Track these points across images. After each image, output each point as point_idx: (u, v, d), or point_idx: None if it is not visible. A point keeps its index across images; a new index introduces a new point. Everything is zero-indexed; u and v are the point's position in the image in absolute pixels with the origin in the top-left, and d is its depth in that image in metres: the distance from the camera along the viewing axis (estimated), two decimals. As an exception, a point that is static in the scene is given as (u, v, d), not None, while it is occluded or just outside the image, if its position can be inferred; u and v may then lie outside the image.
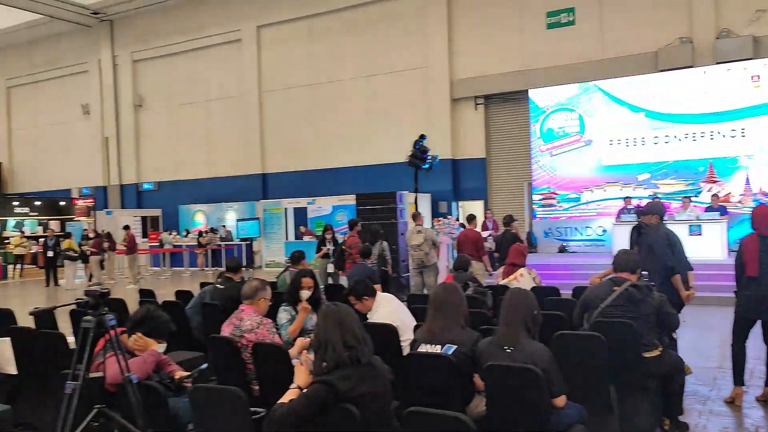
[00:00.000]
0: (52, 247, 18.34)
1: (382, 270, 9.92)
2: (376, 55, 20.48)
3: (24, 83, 28.25)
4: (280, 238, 21.19)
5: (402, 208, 11.96)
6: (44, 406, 5.02)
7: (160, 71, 25.00)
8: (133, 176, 25.83)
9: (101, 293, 3.47)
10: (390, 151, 19.03)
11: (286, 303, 5.56)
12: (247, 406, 3.14)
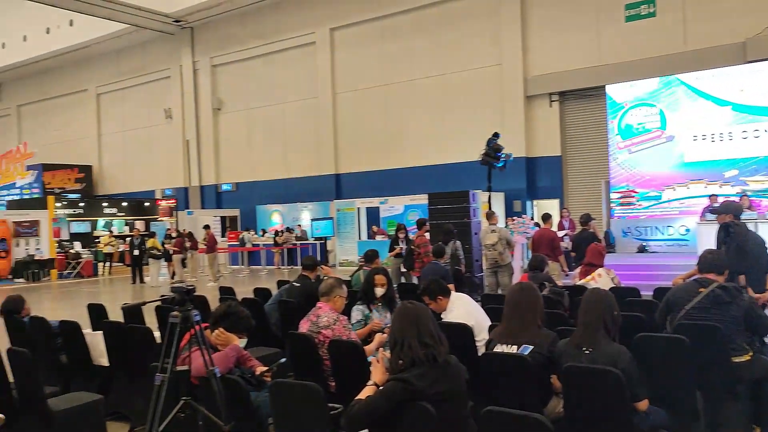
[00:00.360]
0: (138, 246, 19.18)
1: (456, 269, 9.87)
2: (448, 54, 20.40)
3: (112, 90, 29.69)
4: (353, 237, 21.43)
5: (475, 207, 11.84)
6: (134, 397, 5.28)
7: (238, 75, 25.75)
8: (213, 177, 26.70)
9: (187, 290, 3.62)
10: (462, 149, 18.90)
11: (360, 302, 5.62)
12: (324, 401, 3.21)
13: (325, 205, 23.12)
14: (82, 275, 22.21)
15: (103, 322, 6.00)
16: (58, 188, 28.84)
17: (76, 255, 22.86)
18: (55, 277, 21.70)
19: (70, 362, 5.93)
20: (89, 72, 30.00)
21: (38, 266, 21.47)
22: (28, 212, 23.07)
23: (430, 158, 20.70)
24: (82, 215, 26.52)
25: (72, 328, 5.83)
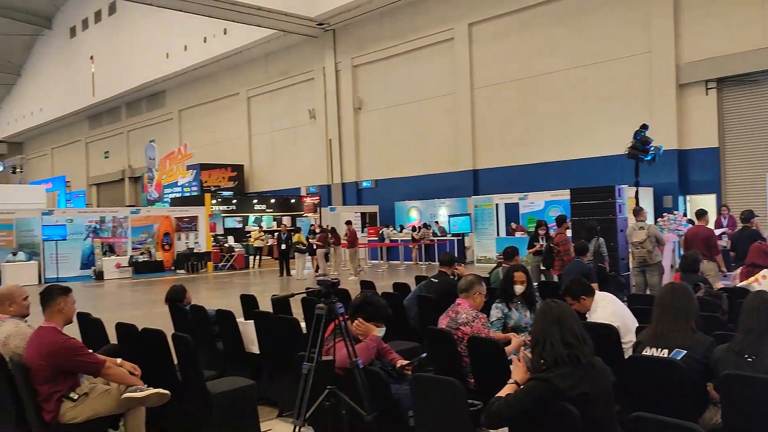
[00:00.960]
0: (285, 241, 20.18)
1: (599, 267, 9.48)
2: (590, 44, 19.59)
3: (261, 93, 31.45)
4: (491, 233, 21.20)
5: (621, 203, 11.29)
6: (282, 383, 5.57)
7: (378, 75, 26.32)
8: (353, 175, 27.50)
9: (332, 283, 3.76)
10: (606, 143, 18.09)
11: (499, 300, 5.56)
12: (464, 397, 3.21)
13: (462, 202, 23.06)
14: (234, 267, 23.76)
15: (254, 312, 6.37)
16: (213, 186, 31.03)
17: (230, 249, 24.50)
18: (211, 269, 23.36)
19: (225, 349, 6.37)
20: (241, 76, 31.98)
21: (197, 259, 23.22)
22: (188, 209, 25.03)
23: (572, 152, 20.00)
24: (234, 211, 28.36)
25: (227, 316, 6.26)
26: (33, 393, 4.15)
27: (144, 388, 4.29)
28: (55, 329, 4.32)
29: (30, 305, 4.86)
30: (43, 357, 4.17)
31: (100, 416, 4.30)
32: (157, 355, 5.01)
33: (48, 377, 4.15)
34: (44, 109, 44.03)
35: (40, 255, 21.21)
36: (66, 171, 43.80)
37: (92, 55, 38.47)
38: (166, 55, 32.95)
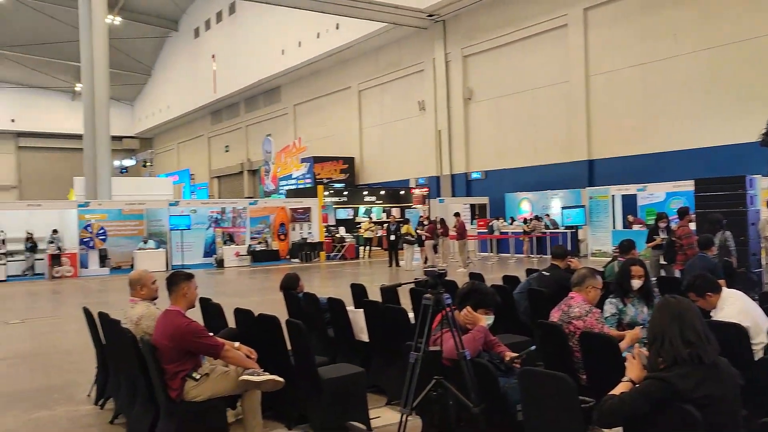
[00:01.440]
0: (394, 232, 20.39)
1: (726, 262, 8.86)
2: (720, 24, 18.30)
3: (371, 86, 31.88)
4: (606, 226, 20.39)
5: (753, 194, 10.49)
6: (391, 372, 5.64)
7: (488, 64, 25.94)
8: (463, 166, 27.31)
9: (439, 273, 3.76)
10: (735, 130, 16.87)
11: (613, 295, 5.33)
12: (576, 393, 3.11)
13: (576, 193, 22.32)
14: (345, 257, 24.30)
15: (363, 300, 6.49)
16: (326, 178, 31.84)
17: (341, 239, 25.08)
18: (323, 259, 24.02)
19: (336, 336, 6.53)
20: (352, 70, 32.56)
21: (310, 248, 23.94)
22: (302, 200, 25.86)
23: (697, 140, 18.81)
24: (345, 203, 28.98)
25: (338, 305, 6.41)
26: (160, 371, 4.45)
27: (260, 373, 4.48)
28: (179, 312, 4.59)
29: (158, 289, 5.21)
30: (168, 338, 4.45)
31: (219, 396, 4.54)
32: (272, 339, 5.22)
33: (173, 357, 4.43)
34: (171, 106, 46.86)
35: (167, 243, 22.64)
36: (190, 164, 46.49)
37: (214, 53, 40.48)
38: (282, 52, 34.10)
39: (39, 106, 47.08)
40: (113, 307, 6.50)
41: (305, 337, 5.06)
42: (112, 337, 5.51)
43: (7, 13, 37.53)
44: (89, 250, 21.62)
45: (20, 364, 8.09)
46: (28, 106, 46.77)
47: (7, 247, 20.35)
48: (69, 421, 5.53)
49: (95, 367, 6.17)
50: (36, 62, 42.24)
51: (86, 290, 17.19)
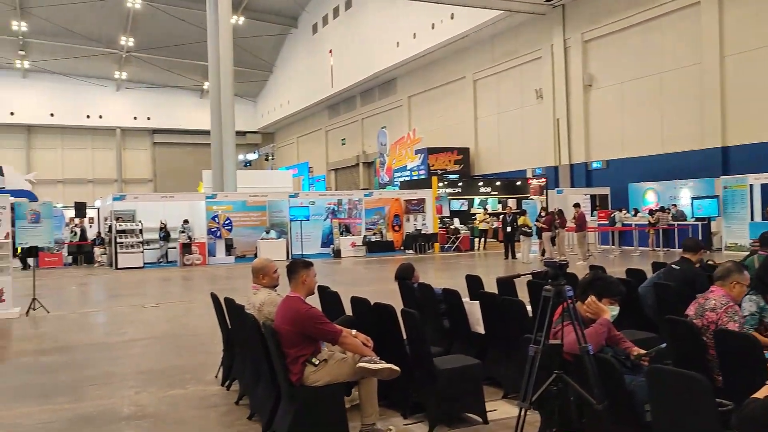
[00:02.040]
0: (510, 223, 20.01)
1: None
2: None
3: (487, 75, 31.41)
4: (743, 217, 18.95)
5: None
6: (507, 365, 5.53)
7: (610, 49, 24.80)
8: (582, 155, 26.33)
9: (560, 265, 3.61)
10: None
11: (754, 291, 4.92)
12: (712, 395, 2.89)
13: (708, 182, 20.90)
14: (460, 249, 24.16)
15: (480, 292, 6.39)
16: (440, 169, 31.78)
17: (455, 230, 24.95)
18: (438, 250, 24.01)
19: (451, 327, 6.48)
20: (467, 60, 32.23)
21: (424, 239, 24.01)
22: (416, 191, 25.96)
23: None
24: (460, 194, 28.79)
25: (453, 296, 6.36)
26: (282, 355, 4.60)
27: (377, 361, 4.52)
28: (300, 299, 4.73)
29: (279, 277, 5.39)
30: (288, 323, 4.59)
31: (338, 382, 4.63)
32: (387, 328, 5.26)
33: (294, 341, 4.56)
34: (291, 101, 48.49)
35: (287, 233, 23.49)
36: (309, 157, 47.93)
37: (331, 48, 41.43)
38: (397, 44, 34.33)
39: (171, 105, 50.27)
40: (238, 293, 6.81)
41: (421, 327, 5.06)
42: (237, 321, 5.77)
43: (143, 19, 40.30)
44: (216, 239, 22.85)
45: (156, 344, 8.68)
46: (161, 104, 50.06)
47: (144, 236, 21.90)
48: (199, 400, 5.86)
49: (222, 349, 6.50)
50: (168, 63, 45.08)
51: (214, 277, 18.18)
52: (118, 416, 5.45)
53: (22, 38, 40.45)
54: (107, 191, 40.56)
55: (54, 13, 37.63)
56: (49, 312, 11.49)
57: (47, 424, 5.28)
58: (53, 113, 46.85)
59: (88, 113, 47.99)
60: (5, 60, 42.70)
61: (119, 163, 50.48)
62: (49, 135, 48.23)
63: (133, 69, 46.32)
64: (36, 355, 8.12)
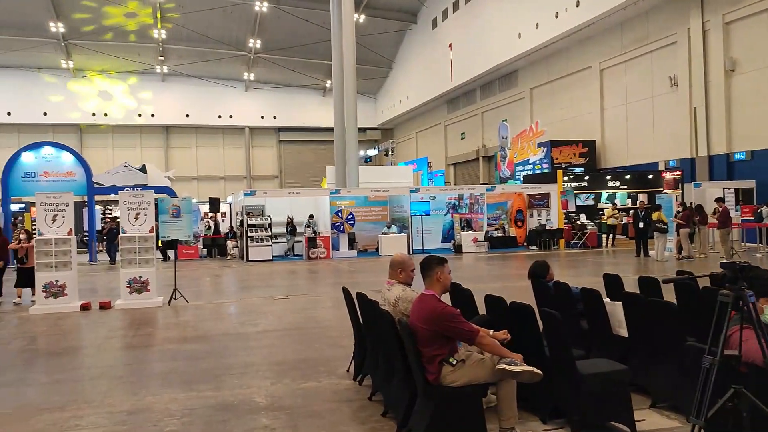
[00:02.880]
0: (642, 219, 18.92)
1: None
2: None
3: (614, 64, 29.90)
4: None
5: None
6: (656, 372, 5.13)
7: (758, 29, 22.80)
8: (723, 146, 24.43)
9: (740, 267, 3.23)
10: None
11: None
12: None
13: None
14: (587, 246, 23.21)
15: (622, 293, 5.99)
16: (564, 163, 30.66)
17: (582, 226, 23.99)
18: (563, 246, 23.19)
19: (590, 328, 6.13)
20: (593, 49, 30.84)
21: (548, 235, 23.28)
22: (539, 186, 25.20)
23: None
24: (586, 188, 27.64)
25: (593, 295, 6.01)
26: (418, 353, 4.50)
27: (518, 363, 4.32)
28: (435, 296, 4.61)
29: (414, 277, 5.31)
30: (424, 321, 4.49)
31: (476, 383, 4.47)
32: (524, 329, 5.03)
33: (429, 340, 4.45)
34: (410, 97, 48.66)
35: (408, 228, 23.56)
36: (428, 152, 47.90)
37: (450, 42, 41.12)
38: (518, 35, 33.46)
39: (295, 103, 51.99)
40: (362, 286, 6.84)
41: (561, 329, 4.80)
42: (369, 316, 5.75)
43: (269, 21, 41.89)
44: (339, 233, 23.33)
45: (287, 336, 8.91)
46: (286, 103, 51.90)
47: (273, 230, 22.75)
48: (332, 394, 5.91)
49: (353, 344, 6.53)
50: (293, 63, 46.61)
51: (338, 270, 18.55)
52: (256, 406, 5.60)
53: (162, 45, 43.27)
54: (237, 187, 42.67)
55: (190, 21, 39.96)
56: (188, 302, 12.16)
57: (192, 410, 5.51)
58: (188, 114, 49.83)
59: (219, 113, 50.64)
60: (147, 65, 45.90)
61: (248, 161, 52.89)
62: (184, 135, 51.36)
63: (260, 70, 48.30)
64: (179, 342, 8.57)
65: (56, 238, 11.61)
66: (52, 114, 46.33)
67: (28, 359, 7.89)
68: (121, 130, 49.09)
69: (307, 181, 44.31)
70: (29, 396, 6.30)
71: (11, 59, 42.76)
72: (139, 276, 12.00)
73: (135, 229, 12.11)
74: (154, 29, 40.97)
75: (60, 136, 42.69)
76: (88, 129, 48.46)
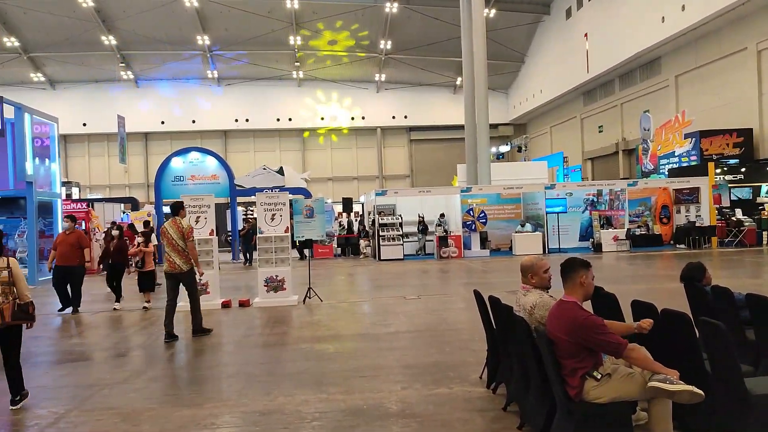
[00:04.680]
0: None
1: None
2: None
3: (774, 44, 27.14)
4: None
5: None
6: None
7: None
8: None
9: None
10: None
11: None
12: None
13: None
14: (744, 244, 21.22)
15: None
16: (715, 154, 28.26)
17: (738, 223, 21.96)
18: (716, 245, 21.36)
19: (757, 339, 5.42)
20: (749, 28, 28.13)
21: (699, 233, 21.53)
22: (687, 179, 23.38)
23: None
24: (742, 181, 25.29)
25: (762, 302, 5.29)
26: (557, 365, 4.13)
27: (674, 380, 3.83)
28: (576, 304, 4.22)
29: (551, 278, 4.92)
30: (564, 331, 4.11)
31: (624, 400, 4.04)
32: (681, 341, 4.49)
33: (570, 352, 4.07)
34: (543, 90, 47.11)
35: (543, 226, 22.71)
36: (563, 147, 46.14)
37: (586, 32, 39.30)
38: (662, 20, 31.27)
39: (425, 102, 52.06)
40: (495, 287, 6.53)
41: (727, 341, 4.21)
42: (503, 322, 5.42)
43: (400, 21, 42.19)
44: (471, 232, 22.94)
45: (419, 338, 8.74)
46: (416, 102, 52.12)
47: (404, 230, 22.79)
48: (464, 402, 5.64)
49: (485, 349, 6.22)
50: (423, 62, 46.66)
51: (470, 270, 18.20)
52: (386, 412, 5.45)
53: (297, 50, 44.93)
54: (369, 187, 43.43)
55: (324, 25, 41.19)
56: (321, 300, 12.36)
57: (323, 413, 5.46)
58: (323, 117, 51.45)
59: (353, 115, 51.85)
60: (284, 72, 47.86)
61: (380, 161, 53.69)
62: (319, 137, 53.11)
63: (391, 70, 48.83)
64: (311, 342, 8.66)
65: (199, 239, 12.21)
66: (200, 121, 49.56)
67: (172, 355, 8.28)
68: (262, 134, 51.58)
69: (438, 179, 44.14)
70: (172, 391, 6.57)
71: (163, 72, 46.21)
72: (275, 275, 12.35)
73: (271, 230, 12.49)
74: (291, 36, 42.58)
75: (207, 142, 45.60)
76: (231, 134, 51.36)
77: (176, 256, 9.28)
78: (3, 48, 40.23)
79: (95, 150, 49.83)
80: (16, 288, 5.88)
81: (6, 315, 5.73)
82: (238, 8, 38.83)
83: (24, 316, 5.89)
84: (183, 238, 9.31)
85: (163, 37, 41.21)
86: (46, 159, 20.46)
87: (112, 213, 24.75)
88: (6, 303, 5.75)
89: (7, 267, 5.83)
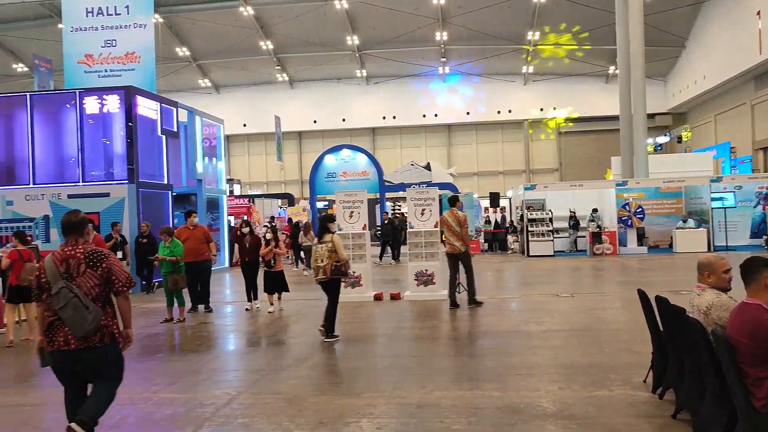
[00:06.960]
0: None
1: None
2: None
3: None
4: None
5: None
6: None
7: None
8: None
9: None
10: None
11: None
12: None
13: None
14: None
15: None
16: None
17: None
18: None
19: None
20: None
21: None
22: None
23: None
24: None
25: None
26: (739, 373, 3.81)
27: None
28: (762, 307, 3.86)
29: (731, 280, 4.56)
30: (747, 336, 3.78)
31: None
32: None
33: (757, 360, 3.73)
34: (707, 76, 43.59)
35: (708, 222, 21.09)
36: (729, 136, 42.48)
37: (759, 10, 35.84)
38: None
39: (574, 93, 50.09)
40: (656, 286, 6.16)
41: None
42: (673, 324, 5.09)
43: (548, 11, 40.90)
44: (627, 228, 21.81)
45: (574, 336, 8.45)
46: (566, 93, 50.29)
47: (554, 225, 22.12)
48: (627, 406, 5.37)
49: (649, 351, 5.88)
50: (573, 51, 44.97)
51: (626, 268, 17.31)
52: (543, 412, 5.32)
53: (444, 46, 45.01)
54: (516, 182, 42.60)
55: (468, 20, 40.89)
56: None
57: (479, 410, 5.43)
58: (469, 112, 51.15)
59: (498, 109, 51.07)
60: (430, 67, 48.16)
61: (527, 154, 52.47)
62: (465, 132, 52.80)
63: (540, 62, 47.54)
64: (463, 337, 8.66)
65: (353, 233, 12.62)
66: (350, 119, 51.17)
67: (329, 345, 8.59)
68: (408, 130, 52.26)
69: (589, 173, 42.37)
70: (331, 379, 6.85)
71: (316, 73, 48.23)
72: (425, 269, 12.48)
73: (421, 224, 12.63)
74: (437, 32, 42.73)
75: (356, 140, 47.01)
76: (379, 131, 52.52)
77: (455, 240, 11.05)
78: (176, 57, 43.92)
79: (254, 149, 53.09)
80: (337, 253, 8.34)
81: (327, 271, 8.30)
82: (385, 7, 39.58)
83: (339, 273, 8.41)
84: (460, 224, 11.02)
85: (316, 39, 42.95)
86: (213, 158, 22.14)
87: (270, 208, 26.24)
88: (328, 264, 8.29)
89: (331, 241, 8.41)
